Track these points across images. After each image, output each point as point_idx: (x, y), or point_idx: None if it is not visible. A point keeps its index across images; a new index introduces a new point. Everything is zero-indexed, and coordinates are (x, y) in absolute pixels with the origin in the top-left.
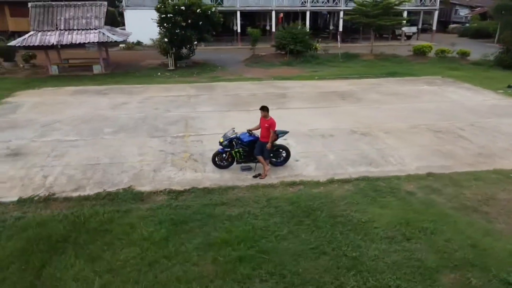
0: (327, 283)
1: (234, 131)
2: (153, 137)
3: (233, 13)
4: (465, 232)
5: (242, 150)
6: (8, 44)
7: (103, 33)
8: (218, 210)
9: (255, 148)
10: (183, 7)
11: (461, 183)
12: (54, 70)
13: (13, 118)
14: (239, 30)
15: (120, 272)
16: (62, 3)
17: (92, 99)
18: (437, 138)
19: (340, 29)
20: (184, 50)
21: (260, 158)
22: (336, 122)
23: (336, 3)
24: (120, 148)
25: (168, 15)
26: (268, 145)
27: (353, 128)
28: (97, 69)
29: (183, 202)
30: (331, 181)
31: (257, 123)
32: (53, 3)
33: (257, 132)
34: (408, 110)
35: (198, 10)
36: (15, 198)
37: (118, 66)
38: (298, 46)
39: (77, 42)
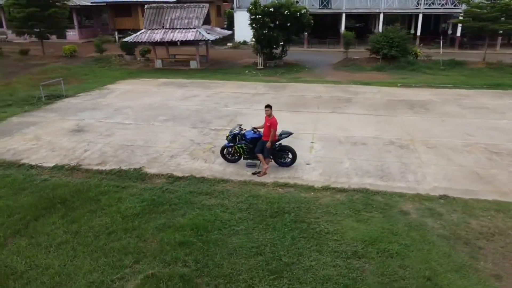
0: (241, 280)
1: (240, 127)
2: (193, 128)
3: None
4: (432, 262)
5: (245, 146)
6: (123, 40)
7: (200, 32)
8: (197, 199)
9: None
10: (271, 9)
11: (474, 212)
12: (159, 63)
13: (99, 102)
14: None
15: (81, 235)
16: (172, 5)
17: (170, 90)
18: (488, 160)
19: (458, 33)
20: (277, 50)
21: (259, 156)
22: (380, 131)
23: (455, 5)
24: (158, 134)
25: (257, 16)
26: (268, 144)
27: (394, 139)
28: (193, 64)
29: (174, 187)
30: (325, 188)
31: (303, 123)
32: (164, 5)
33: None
34: (479, 126)
35: (286, 12)
36: (52, 164)
37: (216, 63)
38: (393, 50)
39: (176, 39)
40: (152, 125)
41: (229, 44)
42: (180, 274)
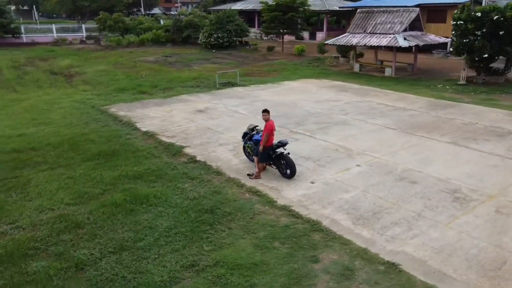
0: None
1: (254, 128)
2: (282, 127)
3: None
4: None
5: (251, 146)
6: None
7: (396, 38)
8: (175, 178)
9: None
10: (478, 13)
11: None
12: (356, 67)
13: (252, 93)
14: None
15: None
16: (382, 9)
17: (324, 92)
18: None
19: None
20: (498, 65)
21: (255, 158)
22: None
23: None
24: (241, 126)
25: (458, 22)
26: (260, 148)
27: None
28: (388, 72)
29: (181, 165)
30: (286, 212)
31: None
32: (375, 9)
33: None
34: None
35: (495, 17)
36: (145, 130)
37: (421, 73)
38: None
39: (369, 44)
40: (251, 117)
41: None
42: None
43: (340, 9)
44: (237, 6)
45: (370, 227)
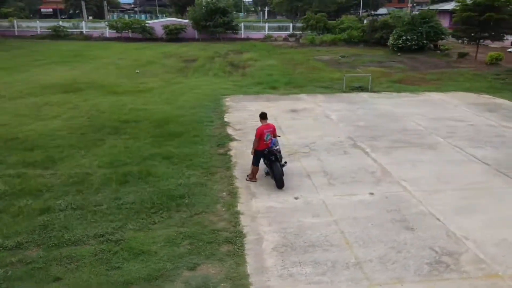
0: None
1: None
2: (351, 139)
3: None
4: None
5: None
6: None
7: None
8: (192, 165)
9: None
10: None
11: None
12: None
13: (369, 100)
14: None
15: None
16: None
17: (460, 109)
18: None
19: None
20: None
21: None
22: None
23: None
24: (313, 131)
25: None
26: (251, 151)
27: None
28: None
29: (210, 155)
30: (236, 217)
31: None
32: None
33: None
34: None
35: None
36: (226, 120)
37: None
38: None
39: None
40: (336, 123)
41: None
42: None
43: None
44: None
45: (284, 257)
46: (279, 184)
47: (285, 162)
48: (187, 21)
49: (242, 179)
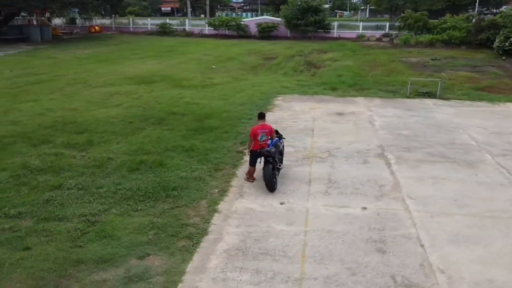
0: None
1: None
2: (381, 147)
3: None
4: None
5: None
6: None
7: None
8: (205, 159)
9: None
10: None
11: None
12: None
13: (431, 108)
14: None
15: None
16: None
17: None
18: None
19: None
20: None
21: None
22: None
23: None
24: (347, 136)
25: None
26: (247, 151)
27: None
28: None
29: (229, 152)
30: (211, 214)
31: None
32: None
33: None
34: None
35: None
36: None
37: None
38: None
39: None
40: (376, 131)
41: None
42: None
43: None
44: None
45: (229, 261)
46: (268, 187)
47: (280, 166)
48: (279, 19)
49: (242, 178)
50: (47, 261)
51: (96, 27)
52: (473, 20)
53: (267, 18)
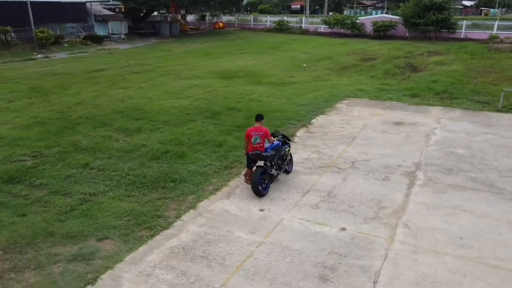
0: None
1: (280, 135)
2: (413, 163)
3: None
4: None
5: None
6: None
7: None
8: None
9: None
10: None
11: None
12: None
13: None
14: None
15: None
16: None
17: None
18: None
19: None
20: None
21: None
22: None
23: None
24: (390, 147)
25: None
26: (244, 151)
27: None
28: None
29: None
30: (189, 212)
31: None
32: None
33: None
34: None
35: None
36: (312, 121)
37: None
38: None
39: None
40: (421, 143)
41: None
42: None
43: None
44: None
45: (167, 258)
46: (254, 191)
47: (278, 173)
48: (398, 17)
49: (239, 179)
50: (28, 229)
51: (220, 24)
52: None
53: (384, 16)
